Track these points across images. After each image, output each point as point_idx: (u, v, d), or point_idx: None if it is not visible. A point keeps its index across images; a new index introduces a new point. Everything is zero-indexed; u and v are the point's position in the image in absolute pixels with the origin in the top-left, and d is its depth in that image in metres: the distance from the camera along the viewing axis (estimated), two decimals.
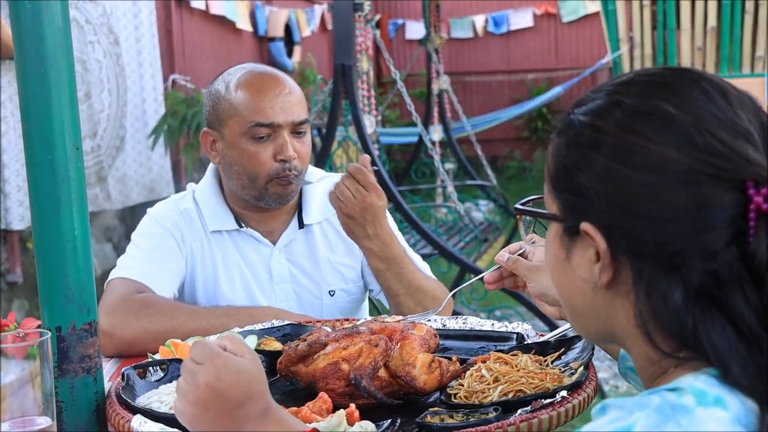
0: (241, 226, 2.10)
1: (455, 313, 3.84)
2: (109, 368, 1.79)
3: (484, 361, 1.47)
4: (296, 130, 2.02)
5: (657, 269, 0.90)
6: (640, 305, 0.92)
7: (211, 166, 2.15)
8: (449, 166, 7.53)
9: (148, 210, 2.14)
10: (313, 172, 2.18)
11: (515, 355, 1.50)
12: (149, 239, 2.05)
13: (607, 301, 0.97)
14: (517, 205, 1.14)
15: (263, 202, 2.05)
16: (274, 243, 2.11)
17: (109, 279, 1.99)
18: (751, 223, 0.86)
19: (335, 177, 2.21)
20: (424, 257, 5.13)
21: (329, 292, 2.10)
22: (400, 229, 2.26)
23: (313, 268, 2.11)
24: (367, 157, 1.98)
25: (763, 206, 0.86)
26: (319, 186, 2.15)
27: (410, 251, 2.11)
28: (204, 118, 2.12)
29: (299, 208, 2.14)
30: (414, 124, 5.44)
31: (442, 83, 7.32)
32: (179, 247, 2.06)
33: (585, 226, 0.94)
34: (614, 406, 0.86)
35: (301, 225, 2.13)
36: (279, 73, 2.07)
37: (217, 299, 2.06)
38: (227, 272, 2.07)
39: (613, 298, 0.96)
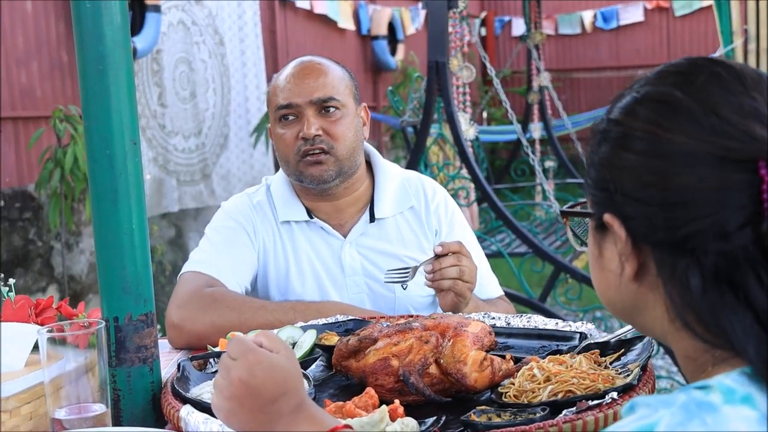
0: (311, 218, 2.11)
1: (545, 313, 3.79)
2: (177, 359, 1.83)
3: (537, 361, 1.44)
4: (323, 108, 2.04)
5: (674, 255, 0.89)
6: (667, 297, 0.91)
7: None
8: (549, 164, 7.41)
9: (222, 203, 2.18)
10: (388, 168, 2.19)
11: (573, 357, 1.47)
12: (222, 233, 2.09)
13: (640, 295, 0.96)
14: (563, 209, 1.13)
15: (305, 183, 2.08)
16: (344, 236, 2.12)
17: (181, 272, 2.04)
18: (765, 204, 0.84)
19: (411, 173, 2.23)
20: (519, 255, 5.10)
21: (402, 286, 2.10)
22: (494, 228, 2.26)
23: (385, 262, 2.10)
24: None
25: None
26: (393, 180, 2.16)
27: (484, 272, 2.11)
28: None
29: (371, 202, 2.15)
30: (518, 122, 5.37)
31: (542, 80, 7.21)
32: (252, 240, 2.09)
33: (606, 217, 0.94)
34: (642, 404, 0.84)
35: (372, 218, 2.13)
36: (311, 59, 2.11)
37: (288, 292, 2.08)
38: (298, 264, 2.09)
39: (645, 292, 0.95)
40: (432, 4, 4.65)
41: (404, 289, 1.95)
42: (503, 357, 1.47)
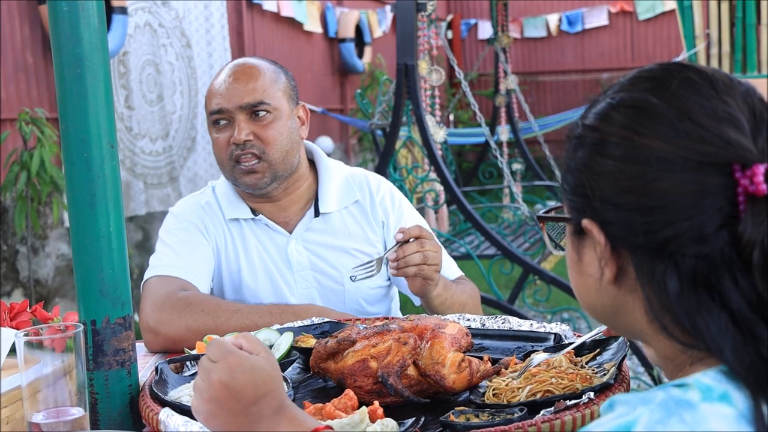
0: (255, 215, 2.13)
1: (514, 314, 3.81)
2: (153, 362, 1.83)
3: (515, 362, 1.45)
4: (253, 112, 2.04)
5: (652, 258, 0.90)
6: (645, 299, 0.92)
7: None
8: (517, 166, 7.46)
9: (170, 209, 2.18)
10: (332, 164, 2.20)
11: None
12: (178, 235, 2.10)
13: (620, 299, 0.97)
14: (539, 214, 1.15)
15: (242, 188, 2.10)
16: (290, 232, 2.14)
17: (146, 278, 2.03)
18: (740, 207, 0.86)
19: (356, 170, 2.25)
20: (488, 257, 5.12)
21: (350, 277, 2.08)
22: (463, 230, 2.29)
23: (332, 256, 2.12)
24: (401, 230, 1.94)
25: (750, 188, 0.85)
26: (336, 177, 2.18)
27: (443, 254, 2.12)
28: None
29: (316, 198, 2.16)
30: (486, 125, 5.41)
31: (509, 83, 7.26)
32: (205, 237, 2.11)
33: (585, 222, 0.95)
34: (621, 401, 0.85)
35: (317, 214, 2.14)
36: (243, 61, 2.11)
37: (242, 288, 2.09)
38: (249, 261, 2.11)
39: (624, 296, 0.96)
40: (401, 7, 4.67)
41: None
42: (481, 358, 1.49)
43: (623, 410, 0.84)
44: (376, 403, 1.31)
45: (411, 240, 1.88)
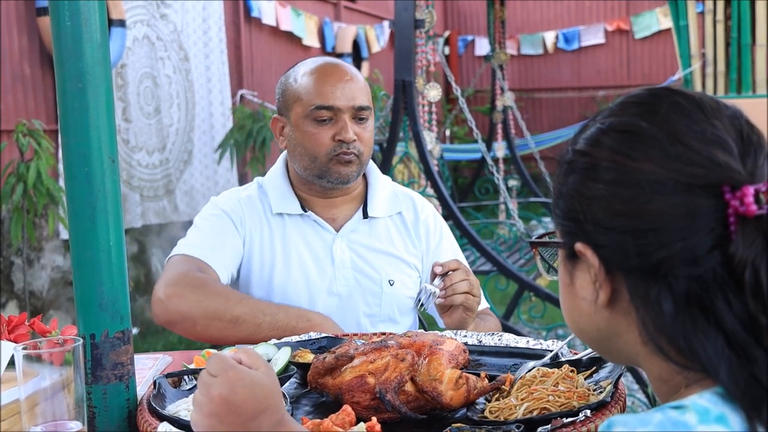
0: (305, 211, 2.16)
1: (510, 331, 3.82)
2: (150, 375, 1.83)
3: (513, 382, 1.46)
4: (357, 115, 2.10)
5: (646, 281, 0.91)
6: (641, 320, 0.93)
7: (281, 155, 2.25)
8: (513, 182, 7.48)
9: (212, 197, 2.22)
10: (382, 177, 2.26)
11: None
12: (209, 221, 2.13)
13: (613, 322, 0.98)
14: (532, 240, 1.16)
15: (325, 180, 2.11)
16: (337, 230, 2.17)
17: (170, 255, 2.06)
18: (731, 228, 0.87)
19: (399, 186, 2.32)
20: (483, 273, 5.13)
21: (389, 281, 2.14)
22: (459, 245, 2.30)
23: (374, 258, 2.16)
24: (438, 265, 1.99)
25: (740, 209, 0.86)
26: (385, 186, 2.24)
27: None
28: (276, 107, 2.22)
29: (365, 200, 2.21)
30: (482, 141, 5.42)
31: (506, 100, 7.28)
32: (237, 228, 2.13)
33: (578, 246, 0.96)
34: (619, 422, 0.86)
35: (365, 216, 2.19)
36: (343, 63, 2.16)
37: (271, 284, 2.10)
38: (285, 255, 2.12)
39: (618, 318, 0.97)
40: (399, 23, 4.70)
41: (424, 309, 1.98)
42: (478, 375, 1.49)
43: (622, 431, 0.85)
44: (374, 419, 1.32)
45: (458, 270, 1.92)
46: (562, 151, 1.02)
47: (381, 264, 2.16)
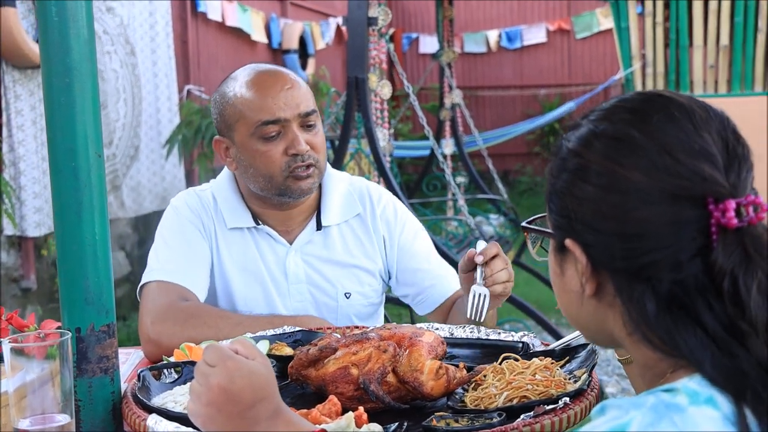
0: (258, 224, 2.09)
1: None
2: (125, 369, 1.83)
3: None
4: (305, 122, 2.01)
5: (631, 281, 0.97)
6: (625, 314, 1.00)
7: (225, 167, 2.15)
8: (460, 179, 7.57)
9: (171, 201, 2.13)
10: (334, 174, 2.18)
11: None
12: (176, 235, 2.06)
13: (600, 311, 1.04)
14: (524, 223, 1.21)
15: (286, 197, 2.03)
16: (290, 243, 2.11)
17: (144, 281, 2.00)
18: (713, 237, 0.93)
19: (356, 179, 2.23)
20: None
21: (345, 294, 2.10)
22: None
23: (329, 270, 2.10)
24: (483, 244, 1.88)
25: (722, 221, 0.92)
26: (339, 188, 2.15)
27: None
28: (215, 126, 2.11)
29: (318, 210, 2.13)
30: (426, 138, 5.48)
31: (454, 97, 7.36)
32: (202, 234, 2.07)
33: (568, 242, 1.02)
34: (612, 405, 0.91)
35: (319, 227, 2.11)
36: (279, 69, 2.06)
37: (233, 296, 2.07)
38: (243, 270, 2.08)
39: (604, 309, 1.04)
40: (353, 21, 4.73)
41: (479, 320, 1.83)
42: (456, 366, 1.54)
43: (616, 413, 0.89)
44: (361, 408, 1.35)
45: (496, 257, 1.83)
46: (556, 144, 1.07)
47: (337, 276, 2.10)
